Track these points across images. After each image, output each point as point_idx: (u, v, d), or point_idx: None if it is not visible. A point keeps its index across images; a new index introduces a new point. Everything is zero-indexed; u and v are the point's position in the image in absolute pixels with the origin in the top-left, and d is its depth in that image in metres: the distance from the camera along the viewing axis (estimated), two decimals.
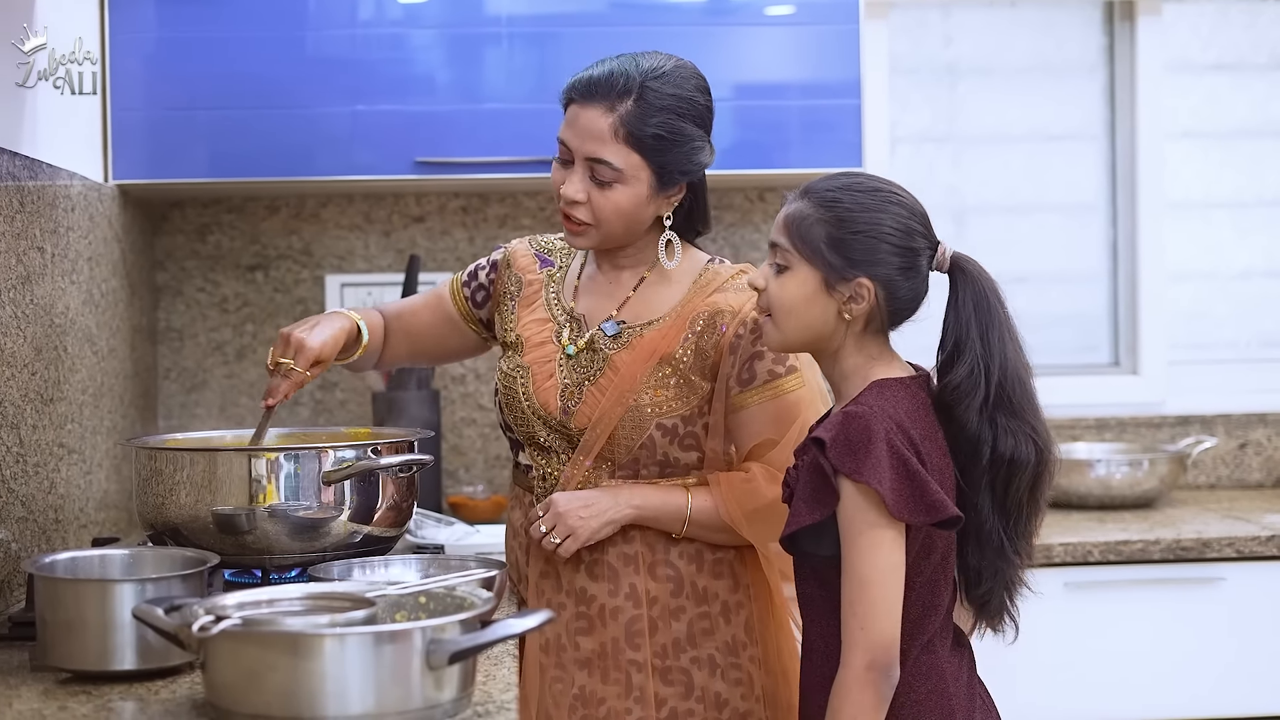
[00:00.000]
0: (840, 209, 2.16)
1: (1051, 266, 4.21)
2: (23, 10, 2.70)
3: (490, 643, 1.79)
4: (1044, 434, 2.16)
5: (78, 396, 2.93)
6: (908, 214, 2.18)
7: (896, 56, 4.11)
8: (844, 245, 2.14)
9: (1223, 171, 4.23)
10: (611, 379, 2.45)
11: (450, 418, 3.85)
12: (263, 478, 2.45)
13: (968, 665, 2.23)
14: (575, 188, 2.42)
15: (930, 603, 2.15)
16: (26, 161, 2.67)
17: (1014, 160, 4.19)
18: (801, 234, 2.17)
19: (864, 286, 2.15)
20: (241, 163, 3.38)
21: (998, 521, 2.15)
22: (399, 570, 2.37)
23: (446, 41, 3.40)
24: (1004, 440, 2.12)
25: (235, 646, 1.75)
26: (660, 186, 2.44)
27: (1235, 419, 4.08)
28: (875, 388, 2.15)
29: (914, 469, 2.06)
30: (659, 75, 2.42)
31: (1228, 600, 3.33)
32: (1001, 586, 2.16)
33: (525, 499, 2.57)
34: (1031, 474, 2.15)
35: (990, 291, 2.19)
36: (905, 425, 2.10)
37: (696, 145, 2.44)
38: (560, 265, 2.62)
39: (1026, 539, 2.19)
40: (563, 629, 2.48)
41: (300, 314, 3.83)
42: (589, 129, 2.40)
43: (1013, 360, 2.16)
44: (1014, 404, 2.14)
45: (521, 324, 2.58)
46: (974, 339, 2.15)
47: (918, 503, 2.06)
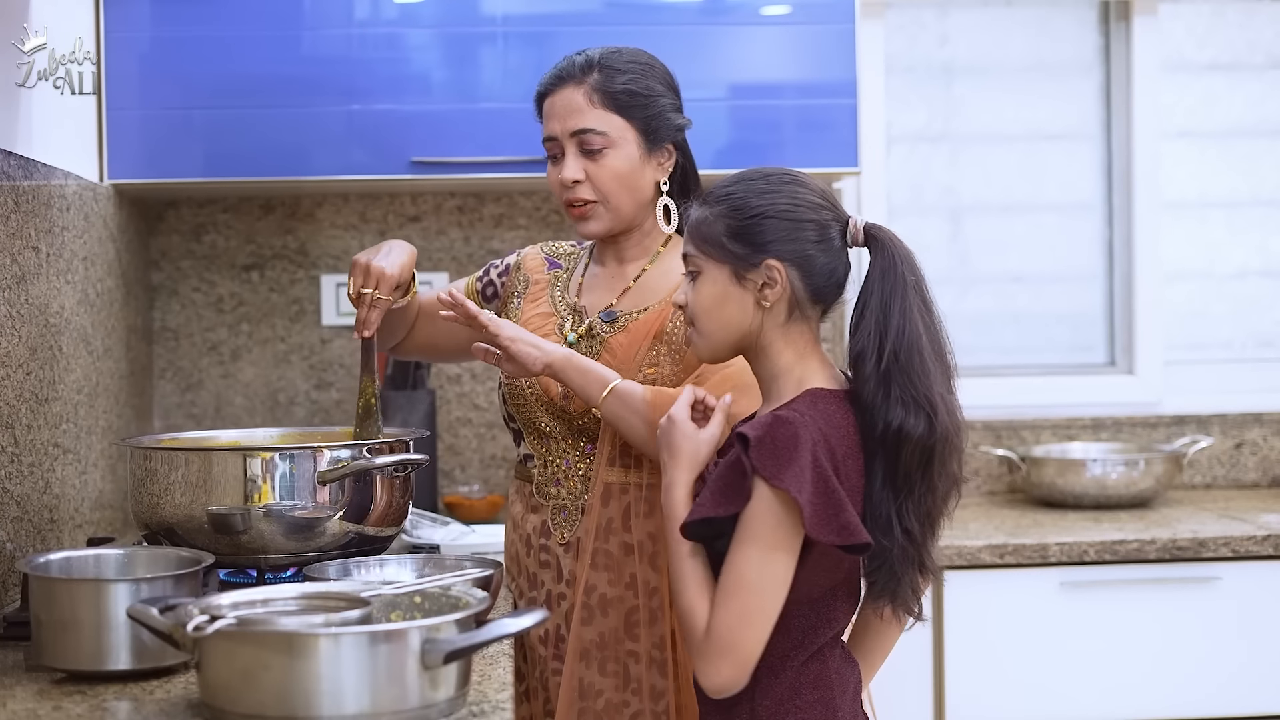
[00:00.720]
0: (734, 200, 2.15)
1: (1047, 266, 4.21)
2: (19, 10, 2.69)
3: (485, 642, 1.79)
4: (940, 407, 2.08)
5: (73, 396, 2.93)
6: (806, 191, 2.15)
7: (892, 56, 4.11)
8: (744, 232, 2.13)
9: (1218, 171, 4.23)
10: (608, 360, 2.50)
11: (446, 418, 3.85)
12: (258, 477, 2.45)
13: (855, 682, 2.17)
14: (570, 168, 2.52)
15: (826, 615, 2.12)
16: (21, 161, 2.67)
17: (1010, 160, 4.19)
18: (703, 235, 2.16)
19: (773, 268, 2.11)
20: (237, 162, 3.37)
21: (887, 495, 2.08)
22: (394, 570, 2.37)
23: (442, 41, 3.40)
24: (894, 410, 2.06)
25: (230, 646, 1.75)
26: (649, 147, 2.54)
27: (1231, 419, 4.08)
28: (809, 396, 2.10)
29: (833, 488, 2.01)
30: (614, 51, 2.57)
31: (1224, 600, 3.33)
32: (889, 567, 2.08)
33: (525, 490, 2.59)
34: (923, 447, 2.07)
35: (901, 259, 2.13)
36: (831, 441, 2.05)
37: (669, 103, 2.57)
38: (567, 268, 2.69)
39: (923, 518, 2.10)
40: (562, 619, 2.50)
41: (296, 314, 3.83)
42: (566, 107, 2.53)
43: (914, 329, 2.09)
44: (909, 373, 2.07)
45: (525, 318, 2.63)
46: (875, 304, 2.10)
47: (832, 522, 2.00)
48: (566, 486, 2.53)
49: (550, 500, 2.55)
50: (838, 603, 2.13)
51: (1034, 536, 3.34)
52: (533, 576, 2.56)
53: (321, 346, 3.84)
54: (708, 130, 3.42)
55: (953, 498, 2.16)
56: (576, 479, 2.52)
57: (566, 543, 2.53)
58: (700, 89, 3.42)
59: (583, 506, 2.51)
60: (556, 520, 2.54)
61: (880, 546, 2.07)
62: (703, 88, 3.42)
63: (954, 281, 4.18)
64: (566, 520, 2.53)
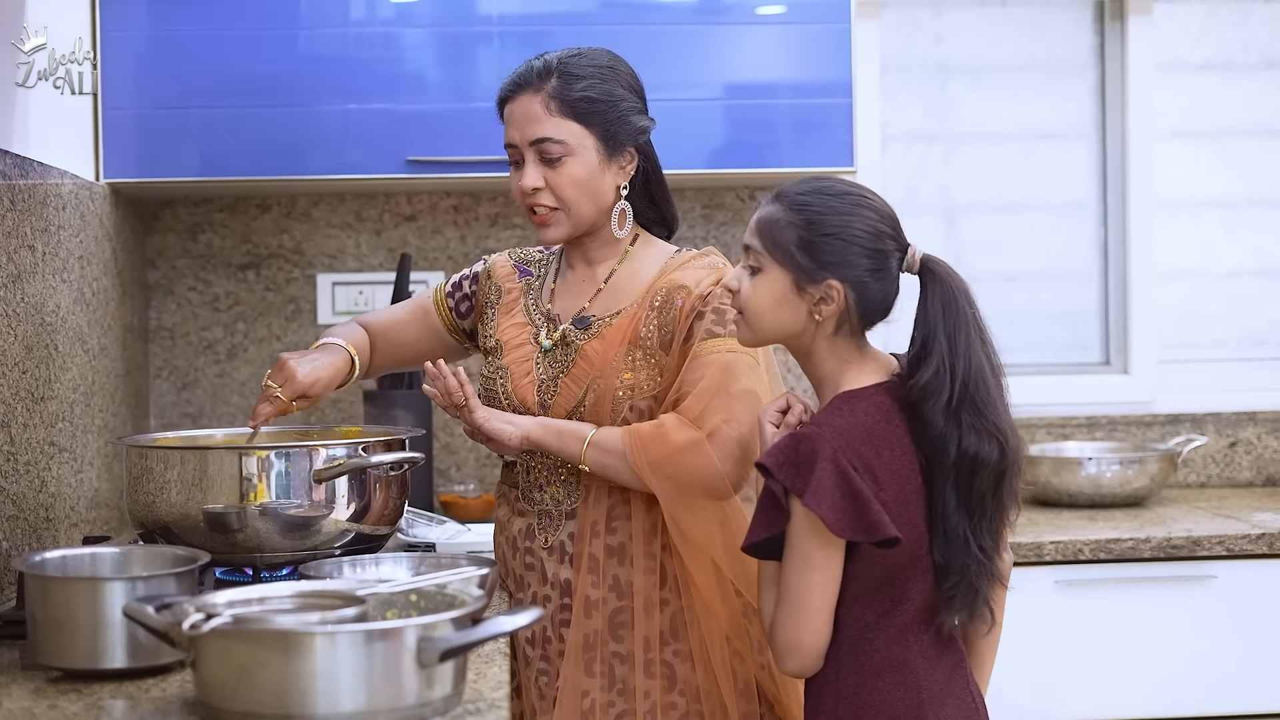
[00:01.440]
0: (810, 212, 2.20)
1: (1042, 265, 4.21)
2: (15, 9, 2.70)
3: (481, 640, 1.79)
4: (1009, 433, 2.20)
5: (69, 395, 2.93)
6: (877, 217, 2.22)
7: (888, 55, 4.11)
8: (814, 248, 2.19)
9: (1213, 171, 4.24)
10: (584, 368, 2.50)
11: (442, 416, 3.85)
12: (254, 476, 2.45)
13: (949, 665, 2.25)
14: (530, 176, 2.51)
15: (899, 595, 2.19)
16: (17, 160, 2.67)
17: (1005, 159, 4.20)
18: (773, 236, 2.21)
19: (833, 288, 2.18)
20: (233, 161, 3.38)
21: (963, 518, 2.17)
22: (390, 568, 2.37)
23: (438, 40, 3.41)
24: (968, 438, 2.16)
25: (226, 644, 1.75)
26: (609, 153, 2.52)
27: (1225, 418, 4.09)
28: (837, 403, 2.20)
29: (857, 488, 2.11)
30: (574, 54, 2.55)
31: (1218, 598, 3.33)
32: (968, 581, 2.18)
33: (511, 494, 2.60)
34: (995, 472, 2.18)
35: (959, 292, 2.22)
36: (858, 442, 2.14)
37: (630, 105, 2.54)
38: (538, 275, 2.68)
39: (994, 535, 2.21)
40: (548, 621, 2.51)
41: (292, 314, 3.84)
42: (524, 115, 2.51)
43: (979, 360, 2.19)
44: (979, 403, 2.17)
45: (501, 329, 2.63)
46: (940, 339, 2.18)
47: (859, 522, 2.10)
48: (549, 491, 2.54)
49: (535, 505, 2.55)
50: (907, 582, 2.19)
51: (1029, 535, 3.34)
52: (519, 579, 2.57)
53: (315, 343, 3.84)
54: (703, 130, 3.44)
55: (1014, 511, 2.26)
56: (559, 484, 2.53)
57: (550, 546, 2.53)
58: (695, 89, 3.44)
59: (566, 511, 2.52)
60: (541, 524, 2.54)
61: (959, 564, 2.17)
62: (698, 87, 3.43)
63: None
64: (551, 524, 2.53)
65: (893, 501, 2.15)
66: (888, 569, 2.18)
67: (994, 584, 2.23)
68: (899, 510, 2.15)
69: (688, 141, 3.37)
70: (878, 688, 2.20)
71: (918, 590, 2.20)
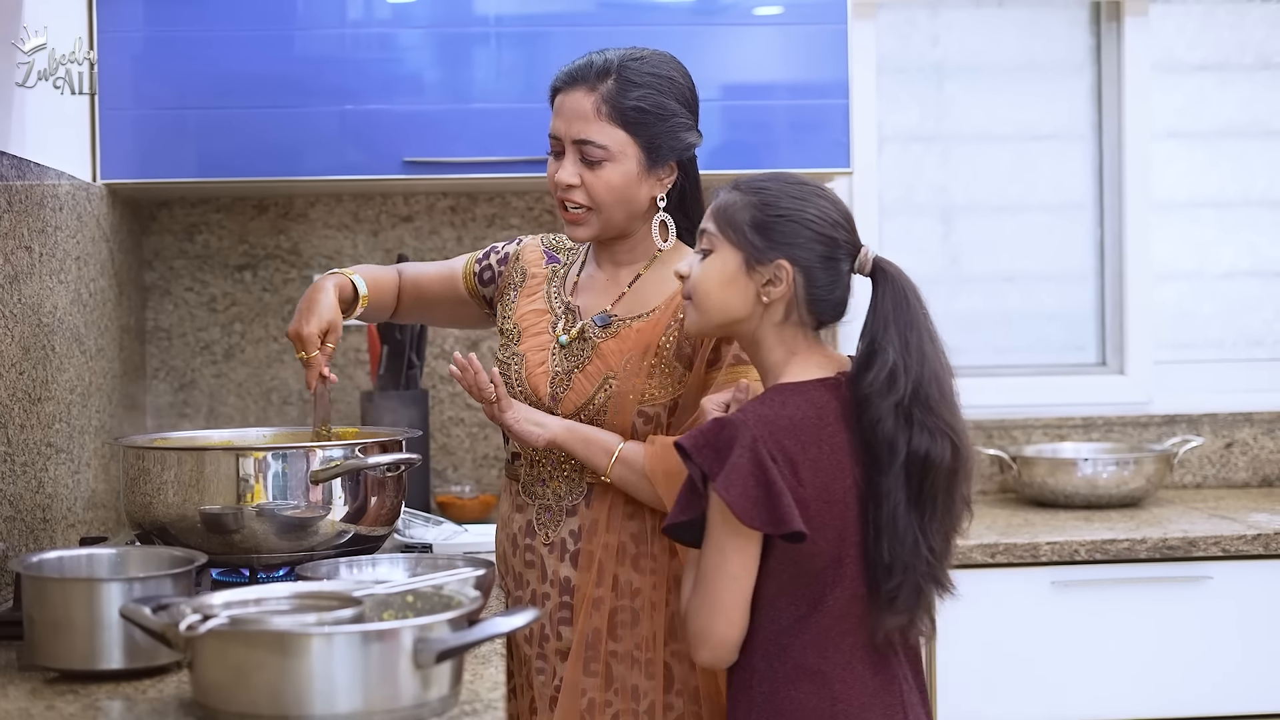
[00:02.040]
0: (766, 194, 2.23)
1: (1038, 266, 4.22)
2: (13, 10, 2.70)
3: (478, 641, 1.80)
4: (961, 433, 2.19)
5: (66, 396, 2.93)
6: (832, 208, 2.23)
7: (884, 56, 4.11)
8: (766, 227, 2.20)
9: (1209, 171, 4.24)
10: (599, 366, 2.50)
11: (438, 417, 3.86)
12: (250, 477, 2.45)
13: (879, 678, 2.21)
14: (568, 172, 2.49)
15: (813, 601, 2.18)
16: (14, 161, 2.67)
17: (1001, 160, 4.20)
18: (727, 218, 2.23)
19: (783, 269, 2.20)
20: (230, 162, 3.38)
21: (913, 518, 2.16)
22: (386, 569, 2.37)
23: (435, 41, 3.41)
24: (919, 437, 2.15)
25: (222, 645, 1.76)
26: (650, 164, 2.50)
27: (1221, 418, 4.09)
28: (769, 393, 2.20)
29: (771, 479, 2.10)
30: (637, 58, 2.51)
31: (1214, 599, 3.34)
32: (913, 583, 2.16)
33: (513, 488, 2.60)
34: (948, 471, 2.17)
35: (910, 292, 2.22)
36: (781, 433, 2.14)
37: (681, 121, 2.52)
38: (565, 263, 2.68)
39: (944, 537, 2.21)
40: (546, 619, 2.51)
41: (289, 314, 3.83)
42: (574, 111, 2.49)
43: (931, 360, 2.18)
44: (930, 402, 2.17)
45: (520, 313, 2.63)
46: (892, 337, 2.18)
47: (768, 514, 2.10)
48: (552, 486, 2.54)
49: (536, 500, 2.55)
50: (826, 588, 2.17)
51: (1025, 536, 3.35)
52: (518, 576, 2.57)
53: None
54: None
55: (966, 517, 2.26)
56: (562, 479, 2.53)
57: (551, 543, 2.53)
58: None
59: (567, 507, 2.52)
60: (541, 520, 2.54)
61: (906, 564, 2.16)
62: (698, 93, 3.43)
63: (945, 281, 4.19)
64: (551, 520, 2.54)
65: (812, 499, 2.14)
66: (803, 571, 2.16)
67: (939, 591, 2.21)
68: (819, 510, 2.14)
69: None
70: (791, 695, 2.18)
71: (838, 597, 2.18)
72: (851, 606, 2.19)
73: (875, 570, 2.17)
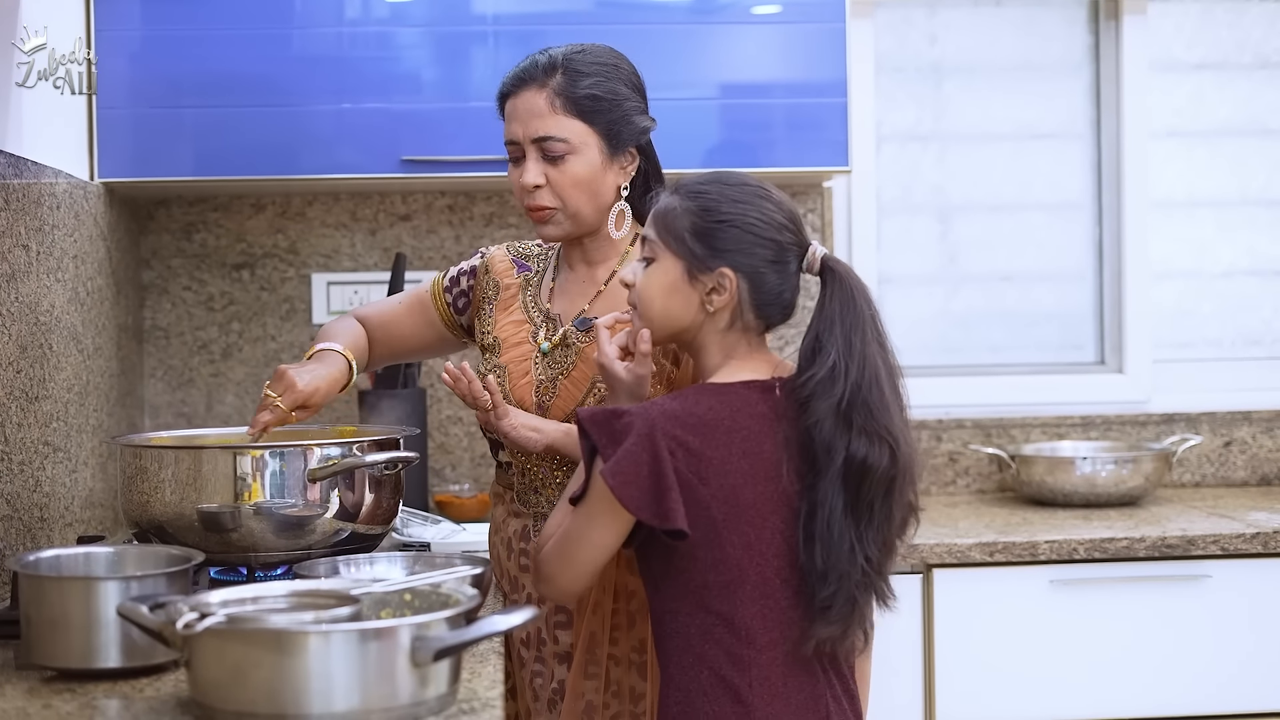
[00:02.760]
0: (706, 199, 2.18)
1: (1037, 265, 4.22)
2: (10, 9, 2.69)
3: (475, 640, 1.79)
4: (900, 438, 2.14)
5: (63, 395, 2.93)
6: (775, 210, 2.19)
7: (882, 55, 4.11)
8: (707, 234, 2.16)
9: (1207, 170, 4.24)
10: (585, 371, 2.49)
11: (436, 416, 3.86)
12: (248, 475, 2.45)
13: (803, 695, 2.16)
14: (532, 173, 2.48)
15: (722, 614, 2.14)
16: (11, 159, 2.67)
17: (999, 159, 4.20)
18: (667, 225, 2.20)
19: (725, 277, 2.16)
20: (227, 161, 3.38)
21: (848, 525, 2.11)
22: (384, 567, 2.37)
23: (433, 40, 3.41)
24: (857, 442, 2.11)
25: (220, 644, 1.75)
26: (611, 152, 2.50)
27: (1220, 417, 4.09)
28: (687, 390, 2.18)
29: (663, 471, 2.07)
30: (580, 50, 2.52)
31: (1212, 598, 3.33)
32: (846, 592, 2.12)
33: (506, 496, 2.59)
34: (885, 477, 2.13)
35: (858, 292, 2.18)
36: (686, 429, 2.10)
37: (633, 105, 2.52)
38: (537, 270, 2.66)
39: (882, 545, 2.16)
40: (543, 623, 2.51)
41: (286, 313, 3.83)
42: (528, 111, 2.48)
43: (874, 362, 2.14)
44: (870, 406, 2.12)
45: (499, 326, 2.61)
46: (836, 337, 2.14)
47: (655, 505, 2.07)
48: (545, 494, 2.53)
49: (530, 507, 2.55)
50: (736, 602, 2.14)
51: (1024, 534, 3.34)
52: (514, 579, 2.56)
53: (312, 345, 3.83)
54: (697, 129, 3.44)
55: (910, 525, 2.21)
56: (554, 486, 2.52)
57: None
58: (690, 88, 3.44)
59: None
60: (538, 526, 2.53)
61: (840, 572, 2.11)
62: (693, 87, 3.44)
63: (943, 280, 4.19)
64: None
65: (715, 501, 2.10)
66: (706, 578, 2.13)
67: (878, 600, 2.18)
68: (723, 513, 2.11)
69: (683, 141, 3.36)
70: (706, 709, 2.14)
71: (751, 610, 2.14)
72: (767, 619, 2.14)
73: (809, 578, 2.12)
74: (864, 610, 2.16)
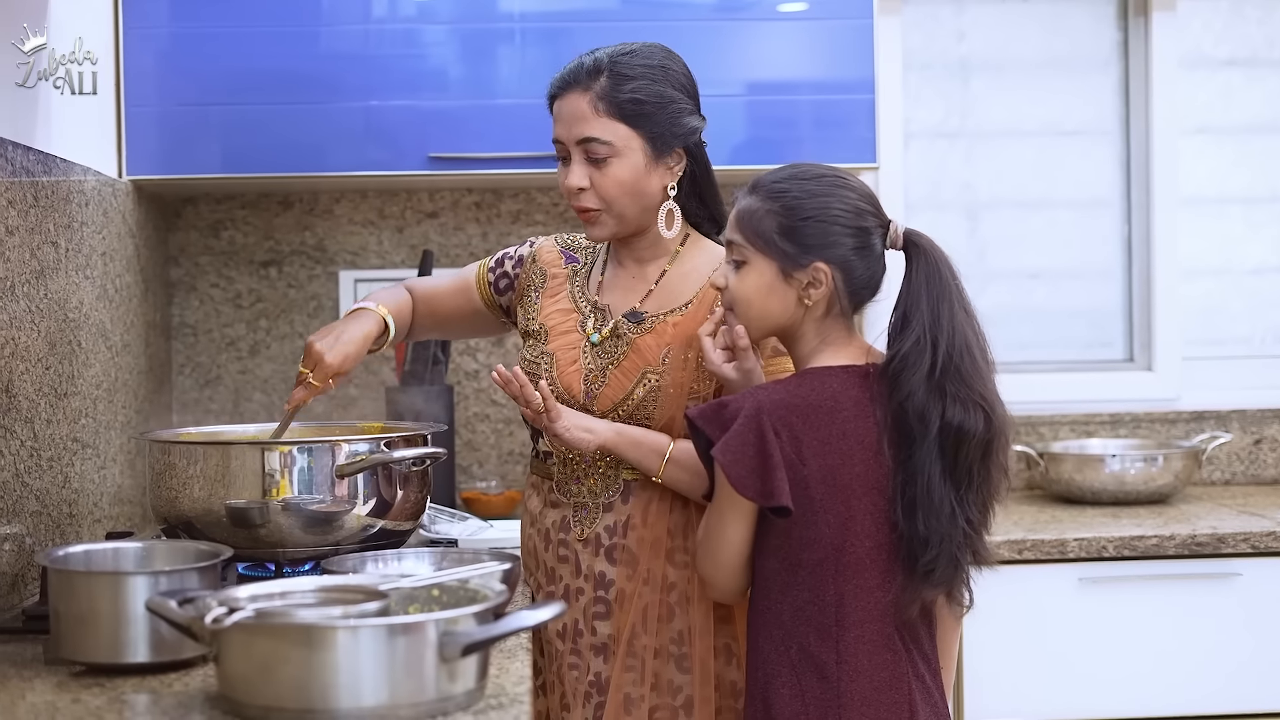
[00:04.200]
0: (788, 198, 2.23)
1: (1065, 262, 4.20)
2: (39, 6, 2.70)
3: (503, 635, 1.79)
4: (994, 402, 2.21)
5: (92, 391, 2.93)
6: (856, 196, 2.24)
7: (910, 52, 4.10)
8: (795, 233, 2.21)
9: (1237, 167, 4.22)
10: (636, 362, 2.51)
11: (464, 413, 3.86)
12: (276, 471, 2.45)
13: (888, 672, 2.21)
14: (575, 175, 2.51)
15: (816, 589, 2.20)
16: (40, 156, 2.68)
17: (1027, 155, 4.18)
18: (754, 227, 2.24)
19: (820, 271, 2.21)
20: (255, 158, 3.38)
21: (948, 489, 2.17)
22: (412, 563, 2.37)
23: (460, 37, 3.41)
24: (952, 409, 2.17)
25: (248, 639, 1.76)
26: (656, 155, 2.51)
27: (1250, 414, 4.07)
28: (789, 377, 2.25)
29: (769, 451, 2.14)
30: (627, 52, 2.53)
31: (1243, 596, 3.32)
32: (949, 554, 2.18)
33: (544, 486, 2.60)
34: (981, 442, 2.19)
35: (941, 263, 2.25)
36: (789, 411, 2.17)
37: (681, 107, 2.52)
38: (584, 262, 2.68)
39: (981, 508, 2.22)
40: (580, 614, 2.51)
41: (314, 310, 3.84)
42: (573, 114, 2.50)
43: (961, 331, 2.21)
44: (963, 373, 2.18)
45: (545, 313, 2.63)
46: (923, 310, 2.20)
47: (760, 484, 2.14)
48: (587, 484, 2.54)
49: (570, 497, 2.55)
50: (826, 578, 2.19)
51: (1052, 532, 3.33)
52: (550, 571, 2.56)
53: None
54: (724, 127, 3.43)
55: (1004, 487, 2.27)
56: (596, 476, 2.53)
57: (586, 538, 2.53)
58: (717, 85, 3.41)
59: (603, 504, 2.52)
60: (578, 516, 2.54)
61: (943, 536, 2.17)
62: (719, 84, 3.42)
63: (971, 277, 4.07)
64: (587, 517, 2.53)
65: (814, 479, 2.16)
66: (801, 555, 2.19)
67: (976, 561, 2.23)
68: (821, 492, 2.16)
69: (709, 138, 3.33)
70: (795, 682, 2.20)
71: (843, 590, 2.19)
72: (858, 598, 2.19)
73: (911, 545, 2.18)
74: (967, 571, 2.23)
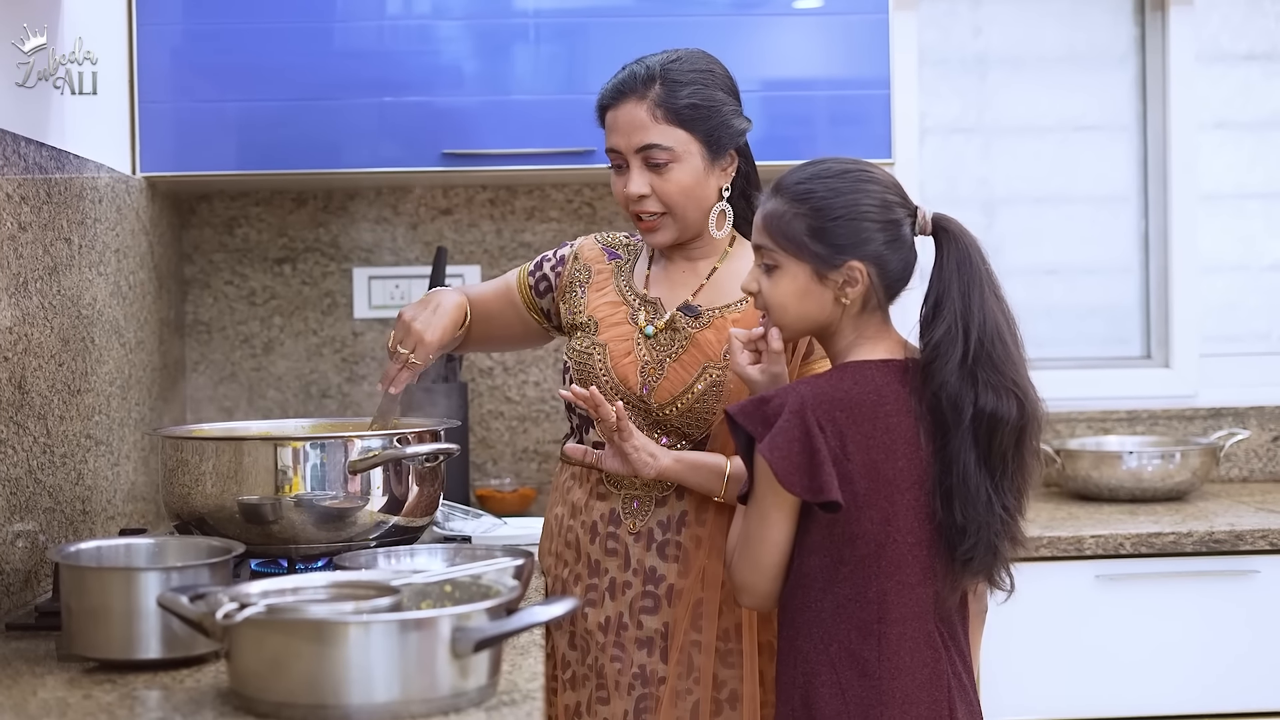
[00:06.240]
0: (815, 199, 2.20)
1: (1082, 258, 4.18)
2: (49, 6, 2.69)
3: (516, 630, 1.78)
4: (1027, 388, 2.20)
5: (105, 388, 2.93)
6: (881, 188, 2.22)
7: (926, 48, 4.09)
8: (826, 233, 2.19)
9: (1255, 162, 4.20)
10: (696, 356, 2.51)
11: (478, 410, 3.85)
12: (288, 467, 2.45)
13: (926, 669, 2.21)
14: (636, 183, 2.51)
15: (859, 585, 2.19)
16: (54, 153, 2.68)
17: (1044, 151, 4.17)
18: (782, 231, 2.21)
19: (855, 269, 2.19)
20: (269, 155, 3.38)
21: (984, 477, 2.16)
22: (425, 559, 2.36)
23: (474, 34, 3.40)
24: (985, 395, 2.15)
25: (260, 634, 1.75)
26: (712, 158, 2.53)
27: (1268, 411, 4.05)
28: (831, 371, 2.23)
29: (815, 446, 2.12)
30: (675, 60, 2.54)
31: (1261, 593, 3.30)
32: (987, 542, 2.17)
33: (591, 477, 2.59)
34: (1015, 428, 2.18)
35: (972, 248, 2.23)
36: (832, 405, 2.15)
37: (731, 109, 2.55)
38: (627, 258, 2.69)
39: (1016, 494, 2.21)
40: (625, 607, 2.52)
41: (328, 308, 3.84)
42: (630, 122, 2.51)
43: (994, 317, 2.19)
44: (995, 360, 2.17)
45: (592, 306, 2.63)
46: (954, 296, 2.18)
47: (809, 479, 2.12)
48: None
49: (621, 489, 2.54)
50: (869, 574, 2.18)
51: (1069, 529, 3.32)
52: (595, 564, 2.55)
53: (354, 339, 3.85)
54: None
55: (1039, 472, 2.26)
56: None
57: (637, 532, 2.53)
58: None
59: (657, 498, 2.52)
60: (629, 509, 2.54)
61: (980, 523, 2.16)
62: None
63: None
64: (640, 510, 2.53)
65: (858, 475, 2.15)
66: (845, 551, 2.18)
67: (1013, 545, 2.22)
68: (865, 487, 2.15)
69: None
70: (835, 680, 2.19)
71: (884, 587, 2.18)
72: (900, 594, 2.18)
73: (949, 534, 2.17)
74: (1006, 557, 2.21)
